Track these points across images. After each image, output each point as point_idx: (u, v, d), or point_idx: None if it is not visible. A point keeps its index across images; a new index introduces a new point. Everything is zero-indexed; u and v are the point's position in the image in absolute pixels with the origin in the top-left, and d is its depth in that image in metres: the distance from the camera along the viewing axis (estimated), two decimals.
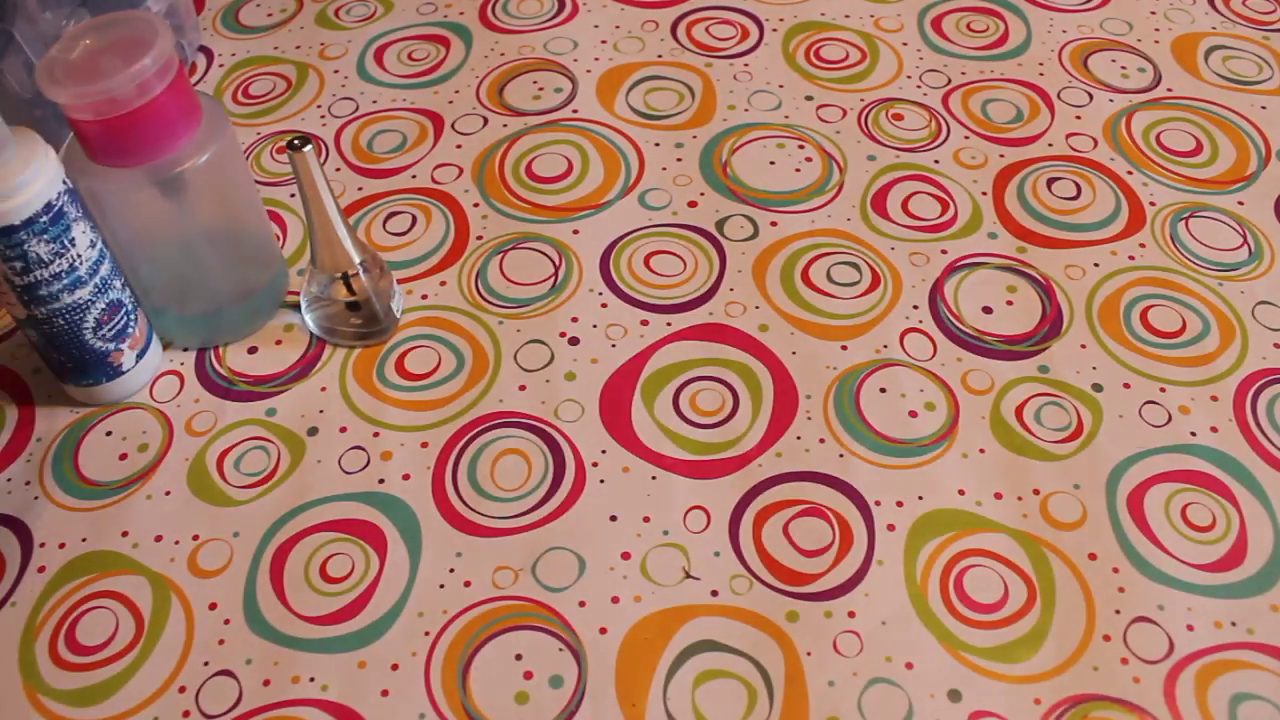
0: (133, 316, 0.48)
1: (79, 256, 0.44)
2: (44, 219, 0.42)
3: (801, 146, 0.60)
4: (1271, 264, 0.54)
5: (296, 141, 0.44)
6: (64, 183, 0.43)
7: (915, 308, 0.52)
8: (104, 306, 0.46)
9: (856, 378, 0.50)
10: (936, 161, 0.60)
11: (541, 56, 0.67)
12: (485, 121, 0.63)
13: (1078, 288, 0.53)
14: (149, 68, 0.42)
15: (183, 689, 0.41)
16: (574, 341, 0.51)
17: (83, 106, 0.42)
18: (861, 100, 0.63)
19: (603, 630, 0.42)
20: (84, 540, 0.45)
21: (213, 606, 0.43)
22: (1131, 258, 0.55)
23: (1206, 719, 0.39)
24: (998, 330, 0.51)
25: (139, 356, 0.49)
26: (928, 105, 0.63)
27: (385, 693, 0.40)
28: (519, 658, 0.41)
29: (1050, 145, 0.60)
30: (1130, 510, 0.45)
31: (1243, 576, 0.43)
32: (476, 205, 0.58)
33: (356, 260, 0.49)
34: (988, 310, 0.52)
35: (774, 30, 0.68)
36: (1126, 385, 0.49)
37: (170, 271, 0.49)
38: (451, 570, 0.44)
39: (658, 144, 0.61)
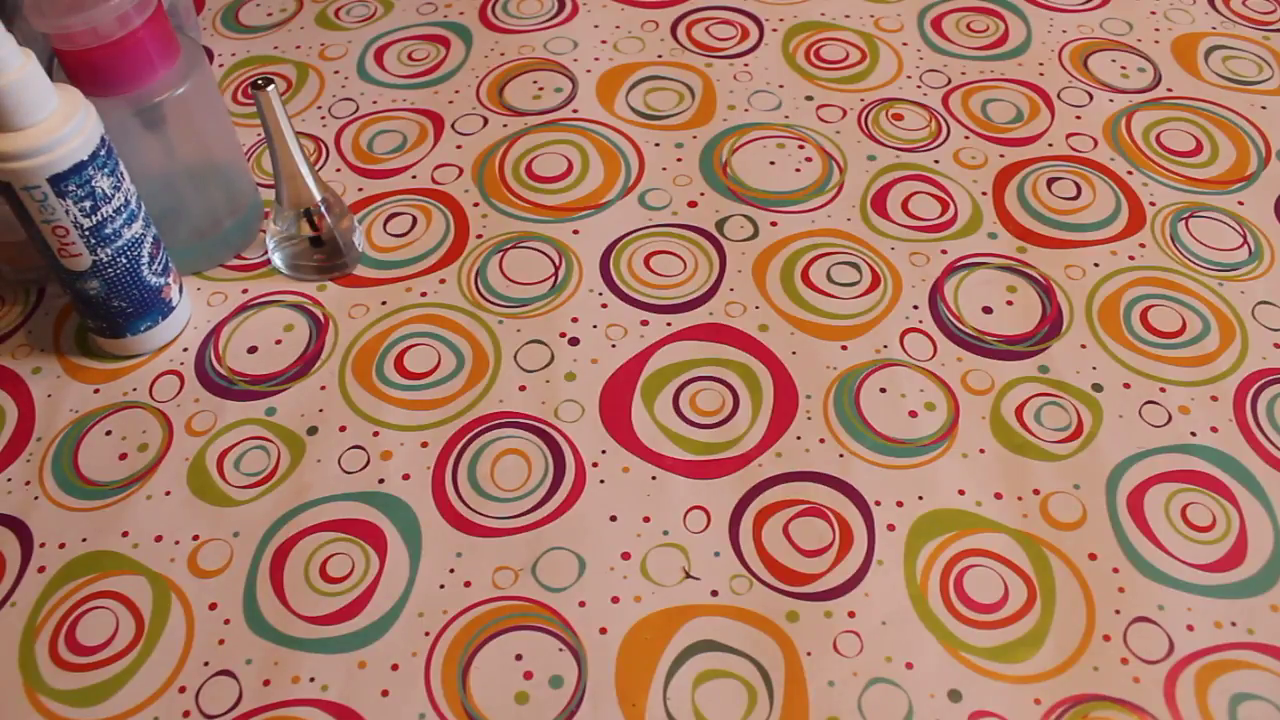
0: (165, 249, 0.51)
1: (130, 190, 0.46)
2: (102, 153, 0.44)
3: (801, 146, 0.60)
4: (1271, 264, 0.54)
5: (260, 81, 0.48)
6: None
7: (915, 308, 0.52)
8: (152, 240, 0.49)
9: (856, 378, 0.50)
10: (936, 161, 0.60)
11: (541, 56, 0.67)
12: (485, 121, 0.63)
13: (1078, 288, 0.53)
14: (128, 1, 0.46)
15: (183, 689, 0.41)
16: (574, 342, 0.51)
17: (67, 37, 0.45)
18: (861, 100, 0.63)
19: (603, 630, 0.42)
20: (84, 540, 0.45)
21: (213, 606, 0.43)
22: (1131, 258, 0.55)
23: (1206, 719, 0.39)
24: (998, 330, 0.51)
25: (180, 291, 0.52)
26: (928, 105, 0.63)
27: (385, 693, 0.40)
28: (519, 658, 0.41)
29: (1050, 145, 0.60)
30: (1130, 510, 0.45)
31: (1243, 576, 0.43)
32: (476, 205, 0.58)
33: (318, 197, 0.52)
34: (988, 310, 0.52)
35: (774, 30, 0.68)
36: (1126, 385, 0.49)
37: (147, 203, 0.51)
38: (451, 570, 0.44)
39: (658, 144, 0.61)
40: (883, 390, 0.49)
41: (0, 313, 0.54)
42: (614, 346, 0.51)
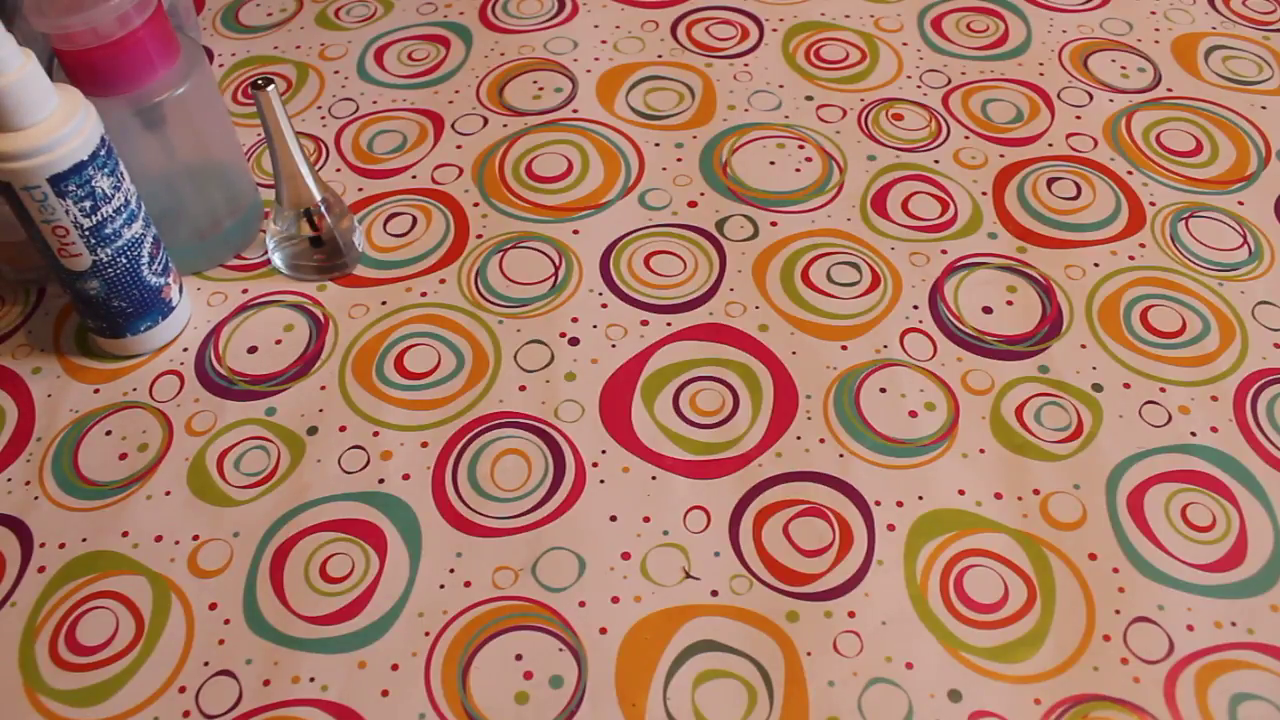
0: (165, 249, 0.51)
1: (130, 190, 0.46)
2: (102, 153, 0.44)
3: (801, 146, 0.60)
4: (1271, 264, 0.54)
5: (260, 81, 0.48)
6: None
7: (915, 308, 0.52)
8: (152, 240, 0.49)
9: (856, 378, 0.50)
10: (936, 161, 0.60)
11: (541, 56, 0.67)
12: (485, 121, 0.63)
13: (1078, 288, 0.53)
14: (128, 1, 0.46)
15: (183, 689, 0.41)
16: (574, 342, 0.51)
17: (67, 37, 0.45)
18: (861, 100, 0.63)
19: (603, 630, 0.42)
20: (84, 540, 0.45)
21: (213, 606, 0.43)
22: (1131, 258, 0.55)
23: (1206, 719, 0.39)
24: (998, 330, 0.51)
25: (180, 291, 0.52)
26: (928, 105, 0.63)
27: (385, 693, 0.40)
28: (519, 658, 0.41)
29: (1050, 145, 0.60)
30: (1130, 510, 0.45)
31: (1243, 576, 0.43)
32: (476, 205, 0.58)
33: (318, 197, 0.52)
34: (988, 310, 0.52)
35: (774, 30, 0.68)
36: (1126, 385, 0.49)
37: (147, 203, 0.51)
38: (451, 570, 0.44)
39: (658, 144, 0.61)
40: (883, 390, 0.49)
41: (0, 313, 0.54)
42: (614, 346, 0.51)
